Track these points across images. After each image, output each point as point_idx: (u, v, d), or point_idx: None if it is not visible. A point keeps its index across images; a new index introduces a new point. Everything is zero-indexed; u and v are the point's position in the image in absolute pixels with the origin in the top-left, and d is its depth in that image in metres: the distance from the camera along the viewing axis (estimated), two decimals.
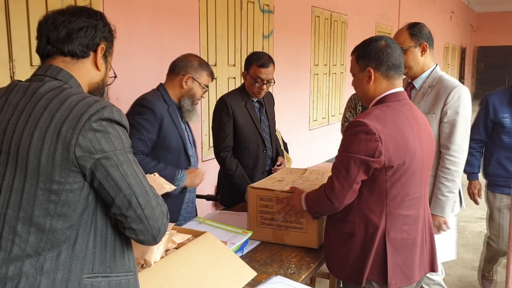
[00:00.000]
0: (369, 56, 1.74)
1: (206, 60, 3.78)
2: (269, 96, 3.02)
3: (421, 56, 2.31)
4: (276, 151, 2.99)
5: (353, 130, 1.64)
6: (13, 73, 2.38)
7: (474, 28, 17.95)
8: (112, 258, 1.14)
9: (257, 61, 2.70)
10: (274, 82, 2.80)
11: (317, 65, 5.95)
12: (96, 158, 1.05)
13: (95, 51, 1.22)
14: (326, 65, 6.22)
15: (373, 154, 1.59)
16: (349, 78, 1.88)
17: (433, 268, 1.84)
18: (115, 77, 1.34)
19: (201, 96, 2.34)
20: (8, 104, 1.13)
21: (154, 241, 1.15)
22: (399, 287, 1.70)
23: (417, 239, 1.74)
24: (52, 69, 1.17)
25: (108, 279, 1.13)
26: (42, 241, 1.07)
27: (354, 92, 2.35)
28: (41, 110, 1.08)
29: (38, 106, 1.08)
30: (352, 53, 1.83)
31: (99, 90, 1.27)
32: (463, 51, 15.98)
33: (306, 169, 2.46)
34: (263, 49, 4.63)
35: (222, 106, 2.73)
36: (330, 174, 1.73)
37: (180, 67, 2.29)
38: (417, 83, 2.36)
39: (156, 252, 1.45)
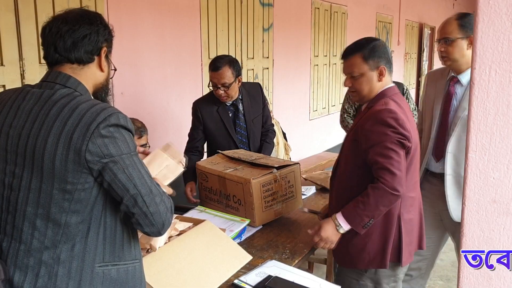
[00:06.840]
0: (379, 54, 1.80)
1: (207, 54, 3.92)
2: (254, 87, 2.89)
3: (467, 49, 2.15)
4: (261, 148, 2.85)
5: (383, 119, 1.71)
6: (23, 70, 2.50)
7: None
8: (121, 248, 1.26)
9: (211, 65, 2.59)
10: (229, 87, 2.57)
11: (317, 56, 6.03)
12: (105, 162, 1.15)
13: (99, 54, 1.29)
14: (326, 56, 6.30)
15: (406, 136, 1.71)
16: None
17: (421, 245, 1.97)
18: (115, 70, 1.40)
19: None
20: (22, 110, 1.21)
21: (159, 233, 1.25)
22: (406, 264, 1.88)
23: (417, 219, 1.92)
24: (61, 76, 1.24)
25: (117, 267, 1.25)
26: (58, 235, 1.18)
27: None
28: (54, 117, 1.16)
29: (51, 113, 1.17)
30: (354, 53, 1.81)
31: (103, 89, 1.35)
32: None
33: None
34: (263, 42, 4.73)
35: (193, 111, 2.76)
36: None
37: None
38: (464, 78, 2.22)
39: (161, 238, 1.60)
